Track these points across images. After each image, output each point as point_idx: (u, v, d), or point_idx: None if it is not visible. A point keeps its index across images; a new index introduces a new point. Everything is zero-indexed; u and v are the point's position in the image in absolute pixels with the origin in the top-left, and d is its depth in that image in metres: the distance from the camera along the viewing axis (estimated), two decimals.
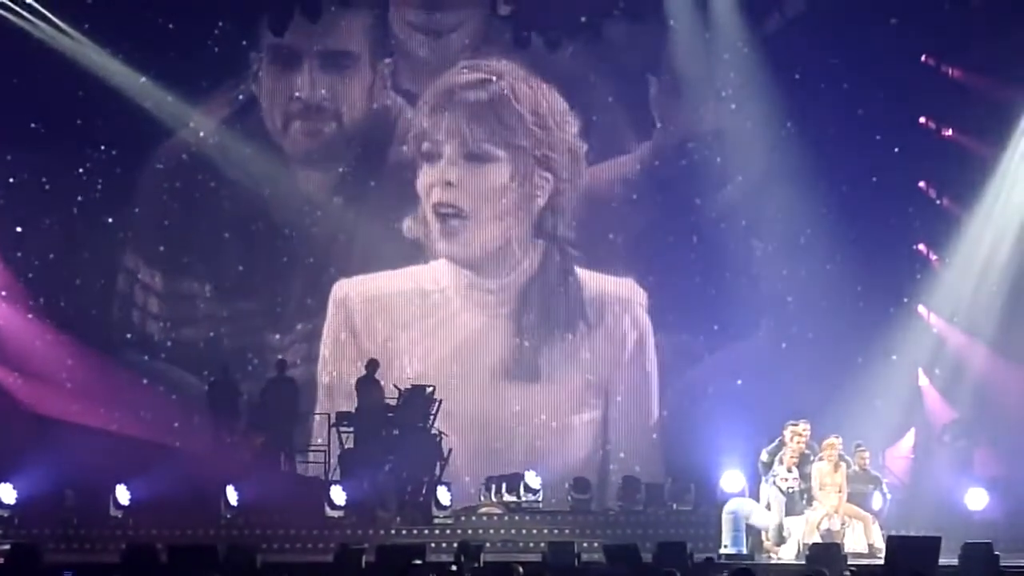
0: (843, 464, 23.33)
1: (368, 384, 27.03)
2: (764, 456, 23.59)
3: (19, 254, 27.77)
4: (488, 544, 23.08)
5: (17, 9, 27.26)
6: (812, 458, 23.35)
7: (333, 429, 26.98)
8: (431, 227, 29.78)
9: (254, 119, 29.62)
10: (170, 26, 28.32)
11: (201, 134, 29.07)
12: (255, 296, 29.51)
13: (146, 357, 28.72)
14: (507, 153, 29.91)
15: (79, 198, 28.23)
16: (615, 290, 30.01)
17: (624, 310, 29.92)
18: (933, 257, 29.31)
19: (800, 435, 23.38)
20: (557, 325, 29.88)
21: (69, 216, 28.14)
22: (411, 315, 29.72)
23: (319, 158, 29.95)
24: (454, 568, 17.89)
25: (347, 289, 29.64)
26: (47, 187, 27.83)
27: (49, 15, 27.42)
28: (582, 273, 30.10)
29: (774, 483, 23.42)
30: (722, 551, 23.02)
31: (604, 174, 30.18)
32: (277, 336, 29.43)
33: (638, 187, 30.02)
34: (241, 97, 29.62)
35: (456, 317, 29.81)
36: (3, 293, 27.74)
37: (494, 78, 30.04)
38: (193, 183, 29.24)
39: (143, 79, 28.05)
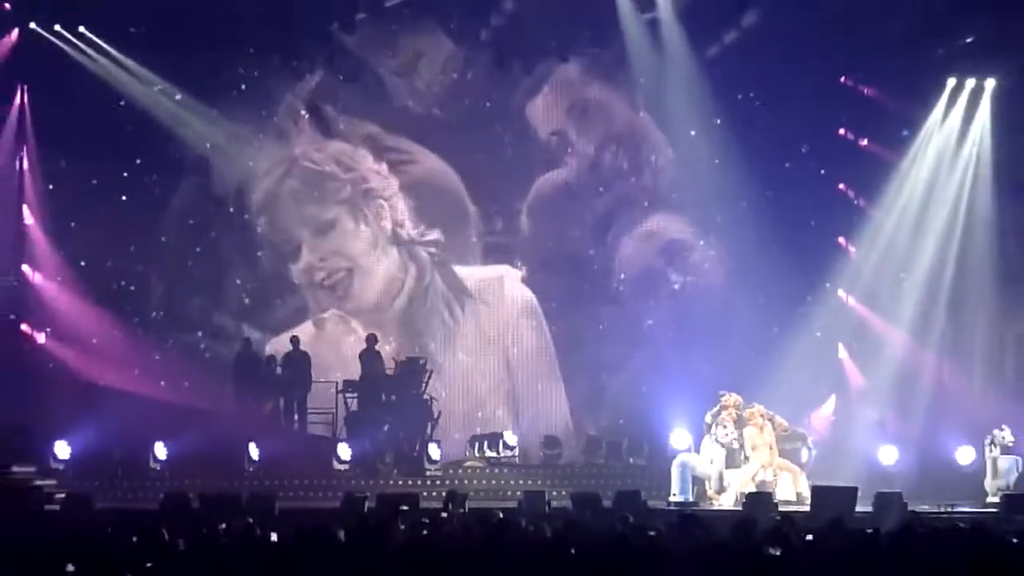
0: (768, 423, 23.36)
1: (370, 355, 26.98)
2: (708, 417, 23.69)
3: (73, 246, 27.55)
4: (472, 493, 23.00)
5: (71, 39, 27.09)
6: (744, 420, 23.43)
7: (340, 395, 26.91)
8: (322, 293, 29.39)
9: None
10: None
11: (234, 156, 28.70)
12: (270, 292, 29.24)
13: (182, 333, 28.53)
14: (341, 208, 29.32)
15: (123, 197, 27.99)
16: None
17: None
18: (851, 248, 29.33)
19: (731, 404, 23.48)
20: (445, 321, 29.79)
21: (115, 213, 27.84)
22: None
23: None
24: (443, 514, 17.84)
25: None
26: (95, 189, 27.56)
27: (100, 42, 27.23)
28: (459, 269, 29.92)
29: (716, 440, 23.44)
30: (671, 499, 23.04)
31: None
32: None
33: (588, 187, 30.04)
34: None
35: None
36: (59, 279, 27.57)
37: (289, 161, 29.27)
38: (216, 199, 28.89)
39: (178, 99, 27.82)
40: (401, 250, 29.55)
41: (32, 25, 26.78)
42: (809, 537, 12.96)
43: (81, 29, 27.05)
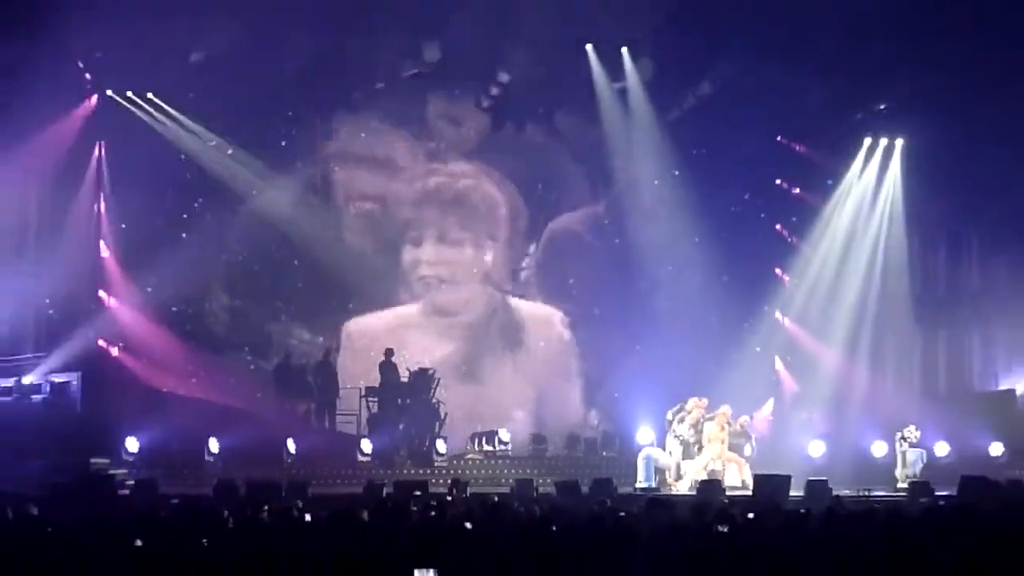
0: (727, 426, 23.39)
1: (387, 366, 26.95)
2: (669, 416, 23.72)
3: (141, 275, 27.43)
4: (472, 480, 22.98)
5: (140, 103, 27.12)
6: (703, 421, 23.45)
7: (363, 399, 26.89)
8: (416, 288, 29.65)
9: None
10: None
11: (276, 200, 28.56)
12: (307, 313, 29.17)
13: (232, 348, 28.49)
14: (469, 234, 29.71)
15: (183, 234, 27.97)
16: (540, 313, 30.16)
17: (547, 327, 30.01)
18: (786, 278, 29.46)
19: (700, 406, 23.52)
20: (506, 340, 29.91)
21: (177, 247, 27.77)
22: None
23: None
24: (449, 498, 17.82)
25: (354, 326, 28.98)
26: (160, 228, 27.55)
27: (164, 106, 27.25)
28: (514, 301, 30.14)
29: (675, 436, 23.45)
30: (637, 485, 23.03)
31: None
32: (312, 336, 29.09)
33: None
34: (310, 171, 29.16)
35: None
36: (130, 303, 27.49)
37: (459, 179, 29.59)
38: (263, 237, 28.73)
39: (229, 152, 27.84)
40: (486, 283, 29.91)
41: (108, 92, 26.85)
42: (751, 516, 12.98)
43: (149, 95, 27.12)
